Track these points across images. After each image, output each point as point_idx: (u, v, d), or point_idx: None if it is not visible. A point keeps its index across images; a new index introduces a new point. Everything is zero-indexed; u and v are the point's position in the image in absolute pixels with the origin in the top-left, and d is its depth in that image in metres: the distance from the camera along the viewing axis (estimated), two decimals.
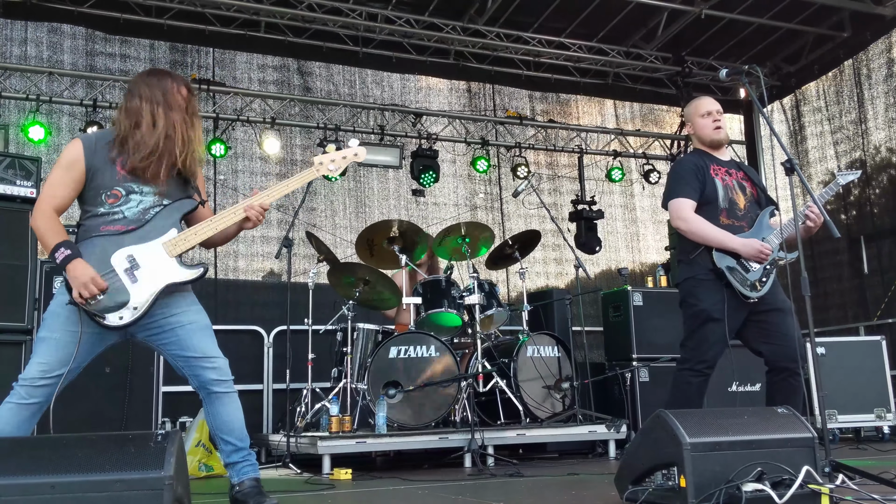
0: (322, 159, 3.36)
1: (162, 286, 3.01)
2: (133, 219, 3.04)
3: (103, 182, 3.04)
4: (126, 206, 3.04)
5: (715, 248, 3.86)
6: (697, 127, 4.13)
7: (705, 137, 4.11)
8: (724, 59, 9.45)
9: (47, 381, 2.88)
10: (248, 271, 8.39)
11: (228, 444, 3.12)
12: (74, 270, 2.87)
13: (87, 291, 2.87)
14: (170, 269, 3.04)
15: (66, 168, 3.04)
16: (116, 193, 3.04)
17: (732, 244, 3.84)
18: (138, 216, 3.05)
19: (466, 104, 9.57)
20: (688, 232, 3.93)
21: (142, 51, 8.20)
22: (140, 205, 3.06)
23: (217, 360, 3.10)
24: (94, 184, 3.04)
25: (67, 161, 3.05)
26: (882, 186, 8.65)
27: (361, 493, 4.04)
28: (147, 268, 3.00)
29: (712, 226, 3.89)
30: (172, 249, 3.05)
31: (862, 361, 6.74)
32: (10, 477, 2.13)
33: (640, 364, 6.45)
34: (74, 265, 2.88)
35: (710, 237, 3.87)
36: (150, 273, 3.00)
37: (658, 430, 2.86)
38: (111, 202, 3.03)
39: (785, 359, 3.78)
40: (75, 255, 2.90)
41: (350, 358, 5.64)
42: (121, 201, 3.04)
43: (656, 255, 10.15)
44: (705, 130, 4.10)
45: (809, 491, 2.61)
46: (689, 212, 3.92)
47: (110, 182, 3.04)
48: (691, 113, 4.18)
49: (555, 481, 4.23)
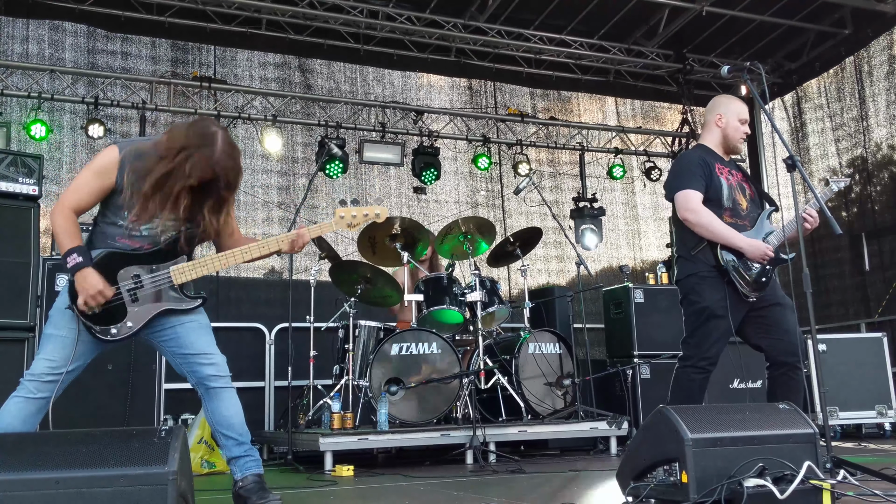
0: (343, 213, 3.39)
1: (160, 310, 3.06)
2: (149, 238, 3.05)
3: (127, 199, 3.00)
4: (145, 225, 3.04)
5: (720, 245, 3.86)
6: (731, 128, 4.06)
7: (732, 141, 4.08)
8: (726, 57, 9.45)
9: (55, 377, 2.92)
10: (249, 269, 8.38)
11: (229, 440, 3.13)
12: (84, 281, 2.90)
13: (93, 302, 2.91)
14: (171, 296, 3.08)
15: (96, 174, 2.99)
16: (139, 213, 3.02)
17: (739, 243, 3.83)
18: (154, 237, 3.06)
19: (468, 101, 9.57)
20: (696, 224, 3.87)
21: (143, 48, 8.21)
22: (160, 228, 3.06)
23: (214, 356, 3.12)
24: (120, 197, 3.01)
25: (101, 168, 2.99)
26: (883, 183, 8.65)
27: (363, 490, 4.05)
28: (149, 291, 3.04)
29: (720, 221, 3.85)
30: (178, 277, 3.08)
31: (863, 358, 6.75)
32: (14, 472, 2.14)
33: (642, 361, 6.46)
34: (84, 274, 2.90)
35: (717, 233, 3.84)
36: (151, 297, 3.04)
37: (660, 425, 2.86)
38: (133, 220, 3.01)
39: (785, 354, 3.78)
40: (86, 263, 2.92)
41: (352, 355, 5.65)
42: (142, 220, 3.02)
43: (657, 252, 10.15)
44: (736, 134, 4.07)
45: (811, 486, 2.61)
46: (698, 203, 3.87)
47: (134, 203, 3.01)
48: (731, 110, 4.10)
49: (556, 477, 4.24)
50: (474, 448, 5.00)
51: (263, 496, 3.06)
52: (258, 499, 3.05)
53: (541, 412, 5.77)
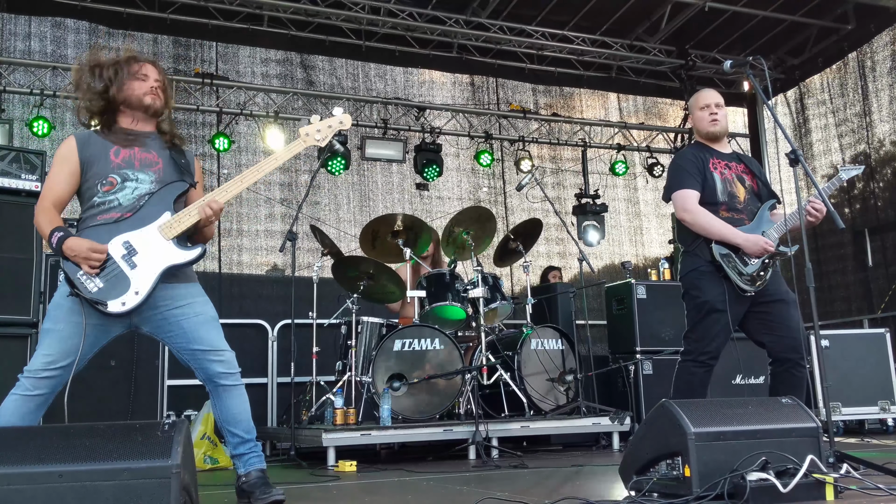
0: (308, 130, 3.34)
1: (162, 269, 3.02)
2: (127, 206, 3.06)
3: (98, 171, 3.07)
4: (121, 193, 3.07)
5: (714, 240, 3.87)
6: (695, 119, 4.19)
7: (701, 130, 4.17)
8: (728, 52, 9.42)
9: (52, 373, 2.89)
10: (252, 265, 8.40)
11: (235, 437, 3.13)
12: (70, 247, 2.91)
13: (93, 259, 2.90)
14: (168, 251, 3.04)
15: (60, 163, 3.09)
16: (112, 181, 3.07)
17: (736, 239, 3.84)
18: (133, 203, 3.06)
19: (470, 98, 9.56)
20: (693, 224, 3.93)
21: (145, 45, 8.20)
22: (135, 191, 3.08)
23: (225, 352, 3.11)
24: (90, 174, 3.08)
25: (61, 156, 3.10)
26: (886, 179, 8.63)
27: (366, 485, 4.05)
28: (144, 252, 3.01)
29: (717, 219, 3.89)
30: (168, 232, 3.06)
31: (866, 354, 6.74)
32: (18, 465, 2.14)
33: (644, 357, 6.45)
34: (69, 243, 2.91)
35: (713, 230, 3.87)
36: (148, 257, 3.01)
37: (662, 419, 2.86)
38: (106, 189, 3.06)
39: (788, 350, 3.78)
40: (68, 234, 2.94)
41: (354, 351, 5.66)
42: (116, 188, 3.06)
43: (660, 248, 10.14)
44: (702, 123, 4.15)
45: (814, 480, 2.61)
46: (694, 203, 3.93)
47: (105, 170, 3.08)
48: (692, 106, 4.23)
49: (559, 472, 4.24)
50: (477, 444, 5.00)
51: (267, 491, 3.06)
52: (261, 493, 3.05)
53: (543, 408, 5.77)
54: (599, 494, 3.17)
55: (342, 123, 3.40)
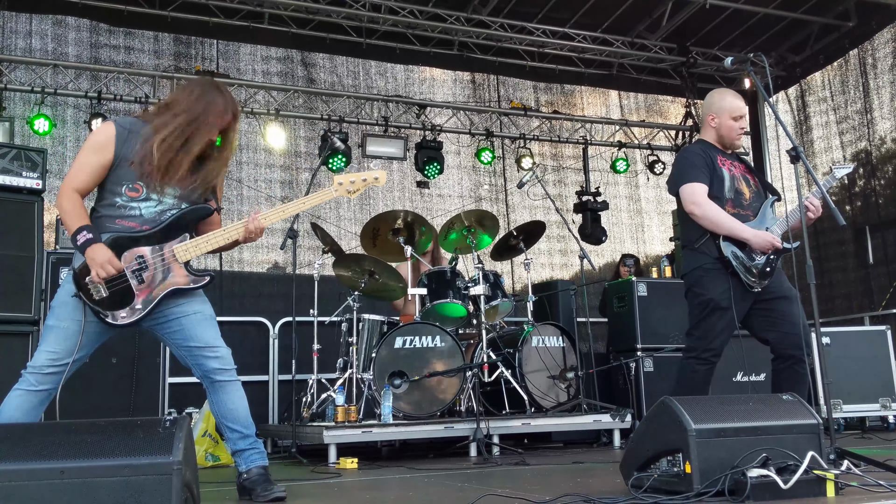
0: (342, 179, 3.36)
1: (167, 291, 3.05)
2: (148, 219, 3.05)
3: (127, 173, 3.03)
4: (144, 203, 3.05)
5: (722, 236, 3.86)
6: (725, 126, 4.02)
7: (727, 139, 4.05)
8: (729, 50, 9.42)
9: (56, 369, 2.91)
10: (253, 263, 8.40)
11: (234, 432, 3.14)
12: (94, 252, 2.92)
13: (105, 272, 2.91)
14: (177, 275, 3.07)
15: (94, 151, 3.02)
16: (138, 188, 3.04)
17: (744, 234, 3.83)
18: (154, 217, 3.06)
19: (471, 95, 9.56)
20: (701, 218, 3.88)
21: (146, 43, 8.21)
22: (158, 206, 3.07)
23: (220, 349, 3.12)
24: (119, 172, 3.03)
25: (97, 143, 3.03)
26: (887, 177, 8.62)
27: (367, 482, 4.05)
28: (155, 271, 3.03)
29: (726, 213, 3.86)
30: (182, 255, 3.07)
31: (867, 351, 6.74)
32: (19, 462, 2.14)
33: (645, 354, 6.44)
34: (94, 248, 2.92)
35: (722, 225, 3.85)
36: (157, 277, 3.03)
37: (663, 416, 2.86)
38: (131, 195, 3.03)
39: (791, 346, 3.77)
40: (96, 239, 2.94)
41: (355, 348, 5.66)
42: (141, 196, 3.04)
43: (661, 245, 10.14)
44: (732, 133, 4.03)
45: (814, 477, 2.61)
46: (703, 196, 3.88)
47: (134, 175, 3.03)
48: (723, 109, 4.03)
49: (560, 469, 4.24)
50: (478, 441, 5.00)
51: (268, 488, 3.07)
52: (263, 490, 3.06)
53: (544, 405, 5.77)
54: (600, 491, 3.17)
55: (377, 180, 3.40)
